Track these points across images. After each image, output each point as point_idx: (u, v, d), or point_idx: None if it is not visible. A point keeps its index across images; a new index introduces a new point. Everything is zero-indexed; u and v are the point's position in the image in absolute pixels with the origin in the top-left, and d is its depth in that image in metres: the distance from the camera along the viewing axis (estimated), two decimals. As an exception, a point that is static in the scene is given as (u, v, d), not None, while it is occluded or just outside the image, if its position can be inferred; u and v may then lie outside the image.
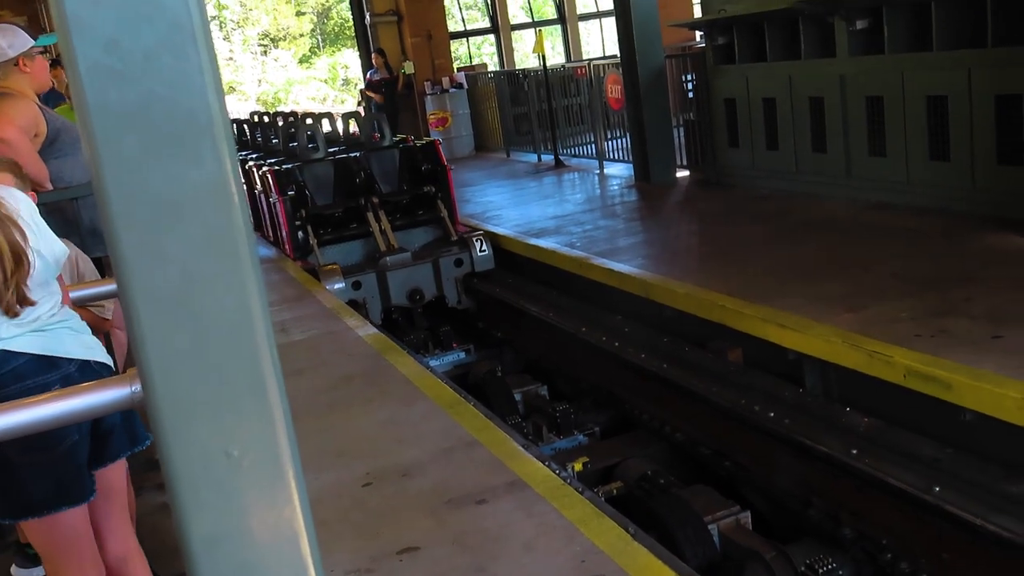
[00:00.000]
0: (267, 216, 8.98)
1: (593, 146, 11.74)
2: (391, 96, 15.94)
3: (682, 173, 9.80)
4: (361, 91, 17.61)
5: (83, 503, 2.49)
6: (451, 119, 15.57)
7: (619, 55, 10.02)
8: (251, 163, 9.41)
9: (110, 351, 3.48)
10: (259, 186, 8.95)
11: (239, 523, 0.58)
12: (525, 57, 19.90)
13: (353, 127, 9.97)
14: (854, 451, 4.09)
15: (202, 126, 0.55)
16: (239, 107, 25.43)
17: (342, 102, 28.80)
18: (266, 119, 12.08)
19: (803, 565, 3.95)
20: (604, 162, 11.40)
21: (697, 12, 14.38)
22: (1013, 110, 6.10)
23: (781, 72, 8.09)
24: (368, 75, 16.71)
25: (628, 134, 10.32)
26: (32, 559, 3.42)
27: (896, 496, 3.85)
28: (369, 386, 4.86)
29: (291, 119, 11.06)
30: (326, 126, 10.77)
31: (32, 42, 4.00)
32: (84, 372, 2.39)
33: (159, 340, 0.56)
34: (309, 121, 10.27)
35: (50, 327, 2.38)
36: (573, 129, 12.65)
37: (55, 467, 2.34)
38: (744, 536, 4.21)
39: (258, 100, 31.01)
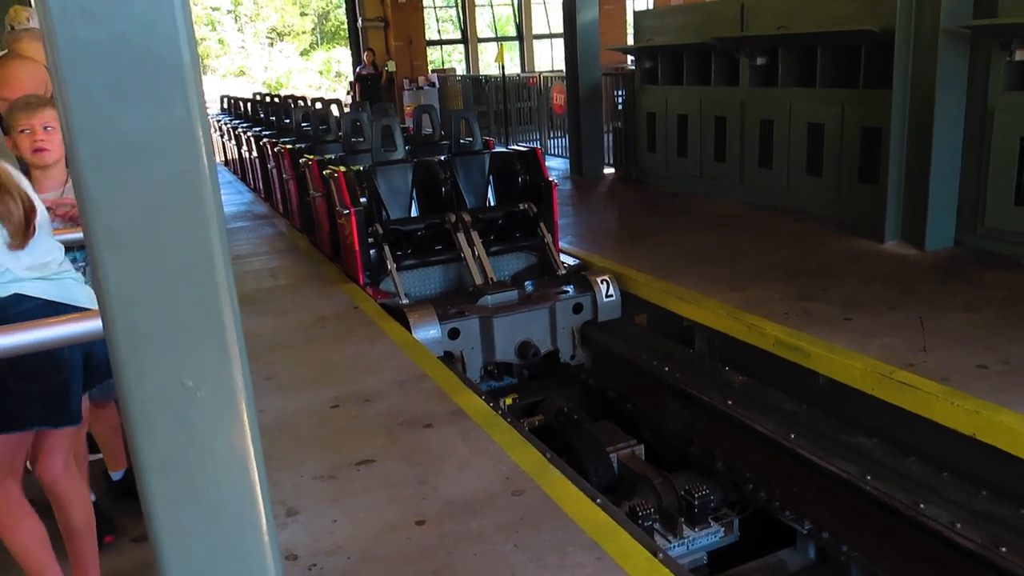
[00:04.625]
0: (323, 223, 6.16)
1: (538, 142, 11.62)
2: (375, 88, 15.61)
3: (609, 170, 9.75)
4: (351, 82, 17.27)
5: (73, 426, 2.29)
6: (424, 112, 15.27)
7: (565, 70, 9.90)
8: (306, 156, 6.59)
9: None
10: (317, 190, 6.11)
11: (192, 450, 0.50)
12: (488, 65, 19.61)
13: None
14: (730, 402, 4.11)
15: (171, 71, 0.45)
16: (247, 88, 24.63)
17: (333, 90, 28.12)
18: (302, 103, 9.06)
19: (683, 490, 3.98)
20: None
21: (630, 40, 14.27)
22: (874, 139, 6.16)
23: (694, 94, 8.06)
24: (358, 69, 16.36)
25: (567, 135, 10.22)
26: None
27: (760, 440, 3.88)
28: (341, 326, 4.76)
29: (354, 109, 8.07)
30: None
31: None
32: None
33: (119, 274, 0.47)
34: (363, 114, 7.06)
35: (58, 276, 2.20)
36: (523, 128, 12.57)
37: (46, 397, 2.14)
38: (638, 464, 4.22)
39: (264, 83, 30.21)
